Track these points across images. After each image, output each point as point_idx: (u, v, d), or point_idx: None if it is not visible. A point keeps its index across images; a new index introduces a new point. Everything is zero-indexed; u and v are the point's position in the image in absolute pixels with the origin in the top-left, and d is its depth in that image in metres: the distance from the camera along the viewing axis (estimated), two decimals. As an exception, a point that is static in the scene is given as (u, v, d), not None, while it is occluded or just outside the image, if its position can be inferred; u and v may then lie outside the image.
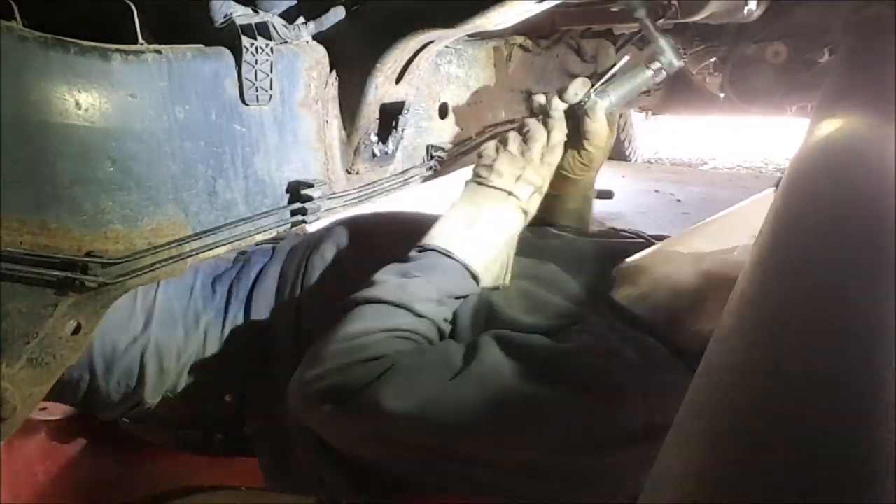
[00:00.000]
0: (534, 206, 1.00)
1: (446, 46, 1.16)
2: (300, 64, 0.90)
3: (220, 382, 1.05)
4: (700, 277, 1.10)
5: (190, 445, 1.12)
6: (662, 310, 1.11)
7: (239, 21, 0.81)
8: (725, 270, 1.05)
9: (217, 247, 0.83)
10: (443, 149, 1.20)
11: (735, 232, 1.10)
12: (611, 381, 0.82)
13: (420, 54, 0.99)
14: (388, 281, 0.88)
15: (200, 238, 0.81)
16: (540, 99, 1.04)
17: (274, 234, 0.92)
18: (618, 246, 1.19)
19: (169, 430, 1.12)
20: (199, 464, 1.18)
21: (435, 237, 0.94)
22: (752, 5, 1.21)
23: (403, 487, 0.91)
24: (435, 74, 1.19)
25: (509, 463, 0.79)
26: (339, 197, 1.00)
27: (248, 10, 0.85)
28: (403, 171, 1.14)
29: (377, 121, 1.02)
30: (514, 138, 0.99)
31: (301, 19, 0.91)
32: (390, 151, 1.08)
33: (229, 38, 0.80)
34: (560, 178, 1.09)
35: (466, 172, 1.06)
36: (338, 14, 0.93)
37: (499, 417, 0.78)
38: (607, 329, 0.96)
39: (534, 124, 1.00)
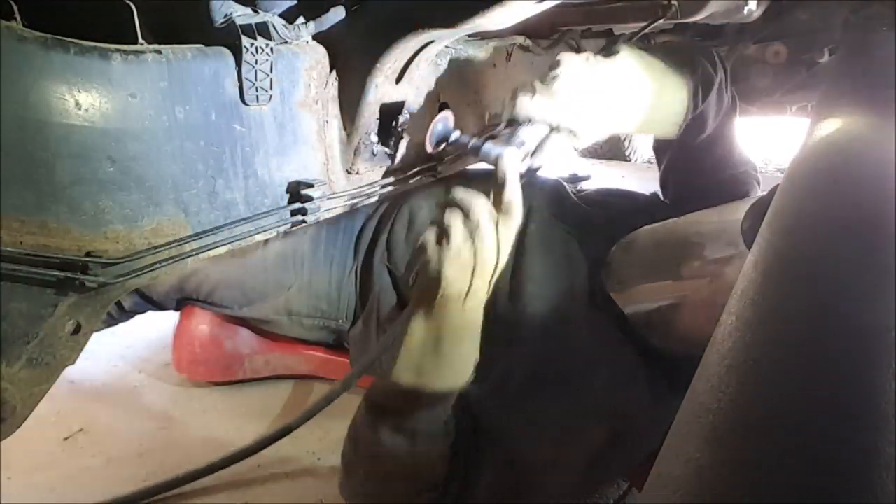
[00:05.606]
0: (492, 284, 0.91)
1: (446, 46, 1.16)
2: (300, 64, 0.90)
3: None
4: (680, 279, 1.11)
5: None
6: (643, 313, 1.13)
7: (239, 21, 0.81)
8: (704, 273, 1.07)
9: (217, 247, 0.83)
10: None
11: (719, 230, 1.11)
12: (579, 406, 1.04)
13: (420, 54, 0.99)
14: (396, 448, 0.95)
15: (200, 238, 0.81)
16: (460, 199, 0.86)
17: (274, 234, 0.92)
18: (616, 221, 1.29)
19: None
20: (313, 357, 1.66)
21: (402, 372, 0.90)
22: (752, 5, 1.21)
23: None
24: (435, 74, 1.19)
25: None
26: (338, 197, 1.00)
27: (248, 10, 0.85)
28: (404, 171, 1.14)
29: (377, 121, 1.02)
30: (454, 246, 0.84)
31: (301, 19, 0.91)
32: (390, 151, 1.07)
33: (229, 38, 0.80)
34: None
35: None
36: (338, 14, 0.93)
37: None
38: (592, 340, 1.12)
39: (460, 235, 0.84)
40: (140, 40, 0.72)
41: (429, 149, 1.05)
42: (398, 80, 1.01)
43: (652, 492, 0.37)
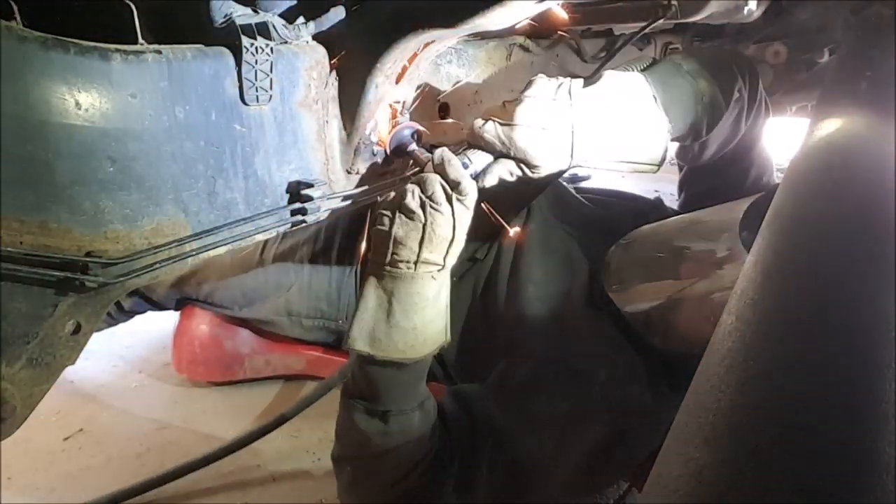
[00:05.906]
0: (450, 261, 0.92)
1: (446, 46, 1.15)
2: (300, 64, 0.89)
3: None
4: (679, 278, 1.11)
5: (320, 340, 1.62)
6: (642, 313, 1.13)
7: (239, 21, 0.81)
8: (703, 272, 1.06)
9: (217, 247, 0.83)
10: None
11: (719, 228, 1.11)
12: (578, 405, 1.04)
13: (420, 54, 0.99)
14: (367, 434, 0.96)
15: (200, 238, 0.81)
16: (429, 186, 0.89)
17: (274, 234, 0.92)
18: (617, 221, 1.30)
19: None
20: (313, 358, 1.66)
21: (356, 338, 0.91)
22: (752, 5, 1.21)
23: None
24: (435, 74, 1.19)
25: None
26: (338, 197, 1.00)
27: (248, 10, 0.85)
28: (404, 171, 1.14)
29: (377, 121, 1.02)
30: (401, 222, 0.87)
31: (301, 19, 0.91)
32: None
33: (229, 38, 0.80)
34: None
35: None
36: (338, 14, 0.93)
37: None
38: (592, 339, 1.13)
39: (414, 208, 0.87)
40: (140, 40, 0.72)
41: (386, 146, 1.04)
42: (398, 80, 1.01)
43: (652, 492, 0.37)
